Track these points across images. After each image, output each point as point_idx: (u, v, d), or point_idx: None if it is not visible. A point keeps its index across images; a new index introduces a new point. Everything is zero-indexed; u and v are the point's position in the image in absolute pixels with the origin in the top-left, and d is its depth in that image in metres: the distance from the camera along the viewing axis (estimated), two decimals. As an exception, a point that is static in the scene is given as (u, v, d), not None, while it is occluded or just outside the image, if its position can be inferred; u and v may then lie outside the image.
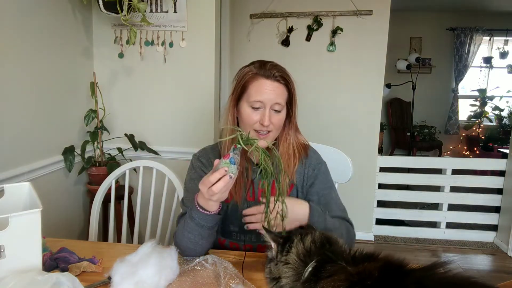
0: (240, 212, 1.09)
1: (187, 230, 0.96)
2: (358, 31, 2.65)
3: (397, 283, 0.50)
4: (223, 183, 0.81)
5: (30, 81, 1.61)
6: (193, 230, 0.95)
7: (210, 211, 0.92)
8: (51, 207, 1.78)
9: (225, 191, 0.85)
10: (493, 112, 5.40)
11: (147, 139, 2.09)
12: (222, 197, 0.86)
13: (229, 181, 0.82)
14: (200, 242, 0.97)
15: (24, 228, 0.77)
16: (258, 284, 0.89)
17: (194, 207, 0.93)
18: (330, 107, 2.78)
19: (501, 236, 2.86)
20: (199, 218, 0.93)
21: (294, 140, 1.11)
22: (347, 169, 1.33)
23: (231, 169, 0.81)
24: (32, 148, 1.64)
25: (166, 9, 1.98)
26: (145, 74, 2.07)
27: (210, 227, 0.94)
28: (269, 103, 1.01)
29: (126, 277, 0.80)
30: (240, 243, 1.12)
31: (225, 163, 0.81)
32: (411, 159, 3.25)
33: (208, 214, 0.92)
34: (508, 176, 2.82)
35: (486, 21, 5.42)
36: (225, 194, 0.86)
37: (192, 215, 0.94)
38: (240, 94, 1.05)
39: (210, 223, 0.94)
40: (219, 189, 0.82)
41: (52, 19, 1.73)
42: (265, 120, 1.00)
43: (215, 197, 0.84)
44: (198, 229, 0.94)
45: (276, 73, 1.02)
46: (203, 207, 0.92)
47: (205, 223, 0.93)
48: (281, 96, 1.03)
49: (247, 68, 1.05)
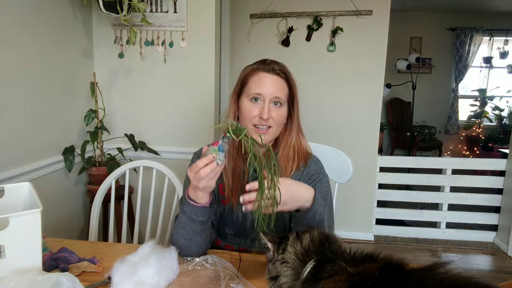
0: (235, 216, 1.09)
1: (180, 225, 0.95)
2: (358, 31, 2.65)
3: (397, 283, 0.50)
4: (210, 169, 0.82)
5: (30, 81, 1.61)
6: (186, 225, 0.94)
7: (200, 203, 0.92)
8: (51, 207, 1.78)
9: (212, 178, 0.84)
10: (493, 112, 5.40)
11: (147, 139, 2.09)
12: (209, 185, 0.86)
13: (216, 168, 0.82)
14: (194, 238, 0.96)
15: (24, 228, 0.77)
16: (258, 284, 0.89)
17: (185, 201, 0.93)
18: (330, 107, 2.78)
19: (501, 236, 2.86)
20: (190, 212, 0.93)
21: (296, 143, 1.08)
22: (347, 169, 1.33)
23: (219, 156, 0.82)
24: (32, 148, 1.64)
25: (166, 9, 1.98)
26: (145, 74, 2.07)
27: (201, 221, 0.94)
28: (268, 96, 1.00)
29: (126, 277, 0.80)
30: (235, 246, 1.11)
31: (213, 150, 0.82)
32: (411, 159, 3.24)
33: (198, 206, 0.92)
34: (508, 176, 2.82)
35: (486, 21, 5.42)
36: (212, 182, 0.86)
37: (184, 209, 0.94)
38: (241, 89, 1.04)
39: (201, 216, 0.93)
40: (205, 174, 0.81)
41: (52, 19, 1.73)
42: (264, 113, 0.99)
43: (201, 183, 0.84)
44: (190, 224, 0.94)
45: (275, 66, 1.02)
46: (193, 199, 0.92)
47: (196, 216, 0.93)
48: (281, 90, 1.02)
49: (249, 66, 1.06)
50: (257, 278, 0.91)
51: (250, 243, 1.11)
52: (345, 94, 2.76)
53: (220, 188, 1.10)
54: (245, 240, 1.11)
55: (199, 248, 0.99)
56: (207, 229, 0.98)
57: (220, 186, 1.10)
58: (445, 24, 5.57)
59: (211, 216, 0.97)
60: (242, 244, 1.11)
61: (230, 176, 1.05)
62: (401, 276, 0.51)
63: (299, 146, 1.09)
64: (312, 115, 2.74)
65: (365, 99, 2.74)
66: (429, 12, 5.47)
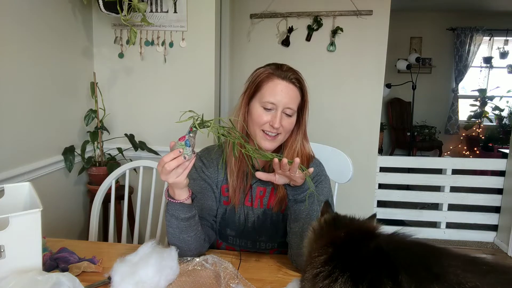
0: (237, 217, 1.09)
1: (168, 224, 0.96)
2: (358, 31, 2.65)
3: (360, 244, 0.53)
4: (176, 162, 0.82)
5: (30, 81, 1.61)
6: (171, 223, 0.94)
7: (178, 200, 0.91)
8: (51, 207, 1.78)
9: (181, 173, 0.85)
10: (493, 112, 5.40)
11: (147, 139, 2.09)
12: (178, 180, 0.85)
13: (183, 162, 0.83)
14: (180, 236, 0.95)
15: (24, 228, 0.77)
16: (258, 284, 0.89)
17: (167, 199, 0.94)
18: (330, 107, 2.78)
19: (501, 236, 2.86)
20: (171, 209, 0.93)
21: (300, 148, 1.08)
22: (347, 169, 1.33)
23: (185, 151, 0.83)
24: (32, 148, 1.64)
25: (166, 9, 1.98)
26: (145, 74, 2.07)
27: (183, 218, 0.93)
28: (281, 106, 1.00)
29: (126, 277, 0.80)
30: (236, 248, 1.11)
31: (180, 145, 0.84)
32: (411, 159, 3.24)
33: (176, 202, 0.91)
34: (508, 176, 2.82)
35: (486, 21, 5.41)
36: (181, 178, 0.86)
37: (167, 207, 0.94)
38: (253, 93, 1.03)
39: (182, 213, 0.92)
40: (171, 167, 0.82)
41: (52, 19, 1.73)
42: (276, 122, 0.99)
43: (170, 178, 0.84)
44: (174, 222, 0.94)
45: (291, 75, 1.02)
46: (172, 196, 0.92)
47: (177, 213, 0.92)
48: (294, 100, 1.02)
49: (263, 68, 1.05)
50: (257, 278, 0.92)
51: (251, 245, 1.11)
52: (345, 94, 2.76)
53: (222, 190, 1.10)
54: (246, 241, 1.11)
55: (189, 247, 0.97)
56: (193, 226, 0.96)
57: (223, 188, 1.10)
58: (445, 24, 5.57)
59: (195, 213, 0.96)
60: (243, 246, 1.11)
61: (235, 177, 1.05)
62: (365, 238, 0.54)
63: (302, 150, 1.09)
64: (312, 115, 2.70)
65: (365, 99, 2.74)
66: (429, 12, 5.47)
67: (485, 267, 0.45)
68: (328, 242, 0.57)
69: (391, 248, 0.51)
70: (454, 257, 0.47)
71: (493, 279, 0.42)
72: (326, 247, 0.55)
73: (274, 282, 0.91)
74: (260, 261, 1.02)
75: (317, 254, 0.55)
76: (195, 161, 1.14)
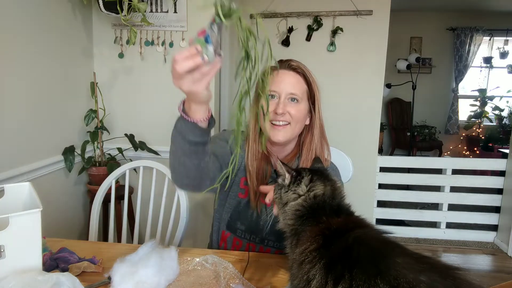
0: (250, 212, 1.08)
1: (172, 139, 0.82)
2: (358, 31, 2.65)
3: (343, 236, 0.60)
4: (192, 63, 0.63)
5: (30, 81, 1.61)
6: (176, 140, 0.80)
7: (192, 118, 0.76)
8: (51, 207, 1.78)
9: (198, 79, 0.66)
10: (493, 112, 5.40)
11: (147, 139, 2.09)
12: (196, 89, 0.68)
13: (201, 63, 0.63)
14: (182, 158, 0.82)
15: (24, 228, 0.77)
16: (258, 284, 0.89)
17: (180, 113, 0.79)
18: (330, 107, 2.75)
19: (501, 236, 2.86)
20: (180, 126, 0.78)
21: (318, 147, 1.07)
22: (347, 169, 1.33)
23: (205, 50, 0.63)
24: (32, 148, 1.64)
25: (166, 9, 1.98)
26: (145, 74, 2.07)
27: (191, 141, 0.78)
28: (284, 92, 1.00)
29: (126, 277, 0.81)
30: (244, 241, 1.11)
31: (199, 41, 0.63)
32: (411, 159, 3.25)
33: (189, 121, 0.76)
34: (508, 176, 2.82)
35: (486, 21, 5.42)
36: (199, 86, 0.67)
37: (176, 122, 0.80)
38: None
39: (191, 135, 0.77)
40: (183, 69, 0.63)
41: (52, 19, 1.73)
42: (279, 108, 0.99)
43: (184, 84, 0.67)
44: (180, 141, 0.79)
45: (292, 63, 1.04)
46: (186, 111, 0.77)
47: (186, 133, 0.78)
48: (296, 86, 1.02)
49: None
50: (257, 278, 0.92)
51: (259, 241, 1.11)
52: (345, 94, 2.76)
53: (241, 181, 1.09)
54: (254, 237, 1.10)
55: (188, 173, 0.84)
56: (200, 154, 0.82)
57: (242, 179, 1.09)
58: (445, 24, 5.57)
59: (207, 141, 0.82)
60: (251, 240, 1.11)
61: (254, 178, 1.04)
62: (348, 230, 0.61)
63: (321, 152, 1.08)
64: (312, 115, 2.73)
65: (365, 99, 2.74)
66: (429, 12, 5.47)
67: (425, 265, 0.51)
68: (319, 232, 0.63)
69: (357, 242, 0.57)
70: (403, 255, 0.53)
71: (426, 276, 0.49)
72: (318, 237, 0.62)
73: (274, 282, 0.91)
74: (260, 261, 1.02)
75: (309, 244, 0.62)
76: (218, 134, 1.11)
